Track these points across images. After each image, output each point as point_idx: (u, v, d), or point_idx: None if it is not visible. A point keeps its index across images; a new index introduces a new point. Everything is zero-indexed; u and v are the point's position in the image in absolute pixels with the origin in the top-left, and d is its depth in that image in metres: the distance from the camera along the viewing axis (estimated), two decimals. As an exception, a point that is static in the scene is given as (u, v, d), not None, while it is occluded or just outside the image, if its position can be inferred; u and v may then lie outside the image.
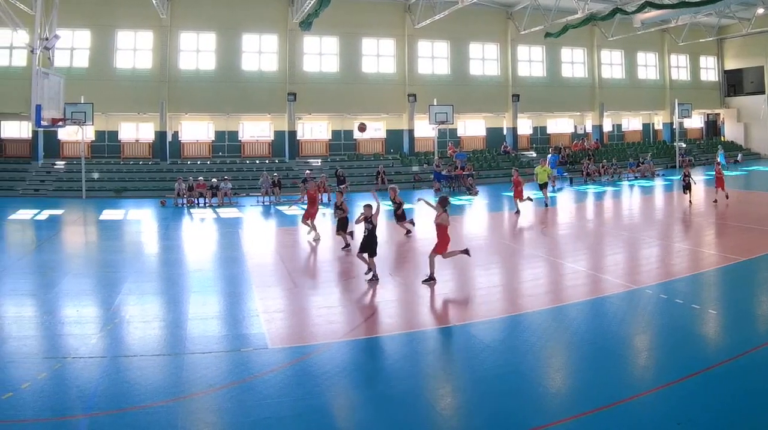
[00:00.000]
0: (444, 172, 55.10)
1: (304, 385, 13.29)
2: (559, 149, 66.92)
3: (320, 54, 61.89)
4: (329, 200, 47.29)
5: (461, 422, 11.79)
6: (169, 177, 52.42)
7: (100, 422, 11.57)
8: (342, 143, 64.56)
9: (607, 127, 76.52)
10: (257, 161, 59.93)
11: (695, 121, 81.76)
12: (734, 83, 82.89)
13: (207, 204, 46.30)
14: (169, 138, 57.85)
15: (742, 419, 11.37)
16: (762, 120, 77.73)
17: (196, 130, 61.57)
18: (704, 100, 79.69)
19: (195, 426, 11.61)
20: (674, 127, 71.21)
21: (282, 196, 48.46)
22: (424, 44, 65.09)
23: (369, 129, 63.87)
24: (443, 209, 20.92)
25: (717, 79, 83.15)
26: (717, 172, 41.07)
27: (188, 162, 58.30)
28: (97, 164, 54.78)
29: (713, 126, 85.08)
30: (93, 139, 57.04)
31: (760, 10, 63.87)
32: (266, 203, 47.03)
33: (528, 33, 63.36)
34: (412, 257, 27.14)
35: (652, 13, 60.13)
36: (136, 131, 59.91)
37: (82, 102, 48.09)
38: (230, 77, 58.30)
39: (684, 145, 74.80)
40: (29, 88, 32.69)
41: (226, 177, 50.94)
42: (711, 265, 24.12)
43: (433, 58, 65.95)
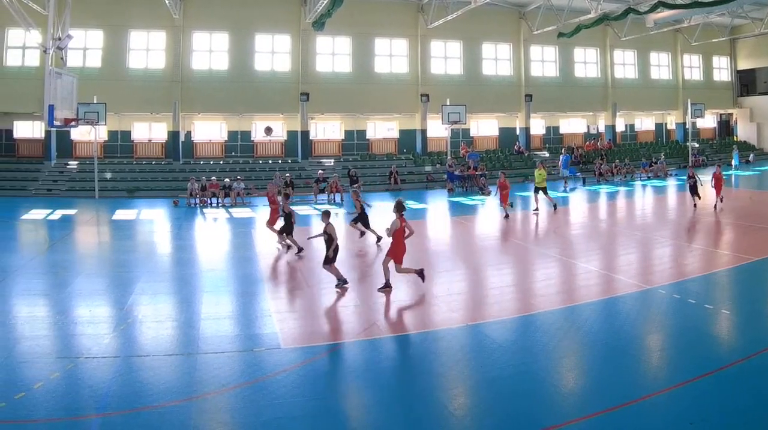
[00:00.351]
0: (457, 172, 55.04)
1: (317, 385, 13.30)
2: (572, 149, 66.72)
3: (333, 54, 61.89)
4: (342, 200, 47.28)
5: (474, 422, 11.77)
6: (182, 177, 52.55)
7: (113, 422, 11.58)
8: (355, 143, 64.52)
9: (620, 127, 76.16)
10: (270, 161, 59.95)
11: (708, 121, 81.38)
12: (747, 83, 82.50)
13: (220, 204, 46.34)
14: (182, 138, 57.96)
15: (755, 419, 11.34)
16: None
17: (209, 130, 61.55)
18: (717, 100, 79.35)
19: (208, 426, 11.61)
20: (687, 127, 71.10)
21: (295, 196, 48.43)
22: (437, 44, 64.97)
23: (382, 129, 64.19)
24: (400, 214, 20.44)
25: (730, 79, 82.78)
26: (716, 176, 38.78)
27: (201, 162, 58.33)
28: (110, 164, 54.89)
29: (726, 126, 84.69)
30: (106, 139, 57.09)
31: (774, 9, 63.71)
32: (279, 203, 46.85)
33: (541, 33, 63.20)
34: (421, 257, 27.06)
35: (665, 13, 59.88)
36: (149, 131, 59.98)
37: (95, 102, 48.18)
38: (243, 77, 58.32)
39: (697, 145, 74.47)
40: (42, 88, 32.74)
41: (239, 177, 51.03)
42: (724, 265, 24.06)
43: (446, 58, 65.84)
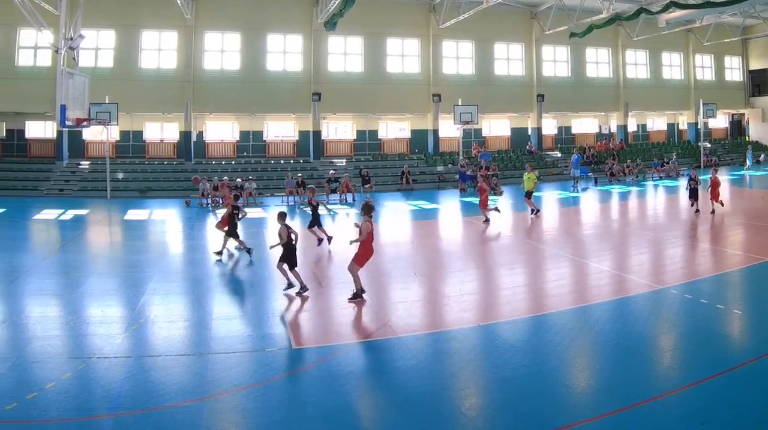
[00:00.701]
0: (469, 172, 54.97)
1: (329, 385, 13.31)
2: (584, 149, 66.62)
3: (345, 54, 61.85)
4: (354, 200, 47.31)
5: (486, 422, 11.80)
6: (194, 177, 52.43)
7: (125, 422, 11.61)
8: (367, 143, 64.52)
9: (632, 127, 76.04)
10: (282, 161, 60.01)
11: (720, 121, 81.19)
12: (759, 83, 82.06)
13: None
14: (194, 138, 57.99)
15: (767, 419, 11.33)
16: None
17: (221, 130, 61.63)
18: (729, 100, 79.03)
19: (219, 426, 11.65)
20: (699, 127, 70.88)
21: (306, 196, 48.43)
22: (449, 44, 64.90)
23: (394, 128, 64.28)
24: (368, 216, 20.06)
25: (741, 79, 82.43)
26: (712, 181, 37.10)
27: (213, 162, 58.41)
28: (122, 164, 54.98)
29: (738, 126, 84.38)
30: (118, 139, 57.14)
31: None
32: (291, 203, 46.96)
33: (553, 33, 63.07)
34: (433, 257, 27.07)
35: (677, 13, 59.75)
36: (161, 131, 60.16)
37: (107, 102, 48.11)
38: (255, 77, 58.34)
39: (709, 145, 74.28)
40: (54, 88, 32.78)
41: (251, 177, 51.07)
42: (735, 265, 24.04)
43: (458, 58, 65.75)
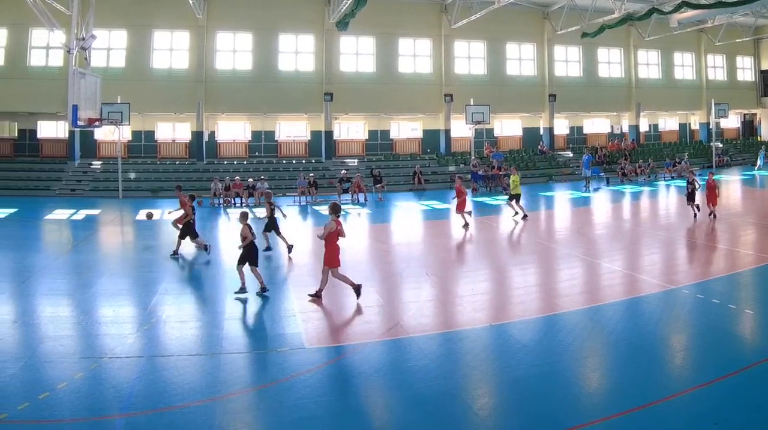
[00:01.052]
0: (481, 172, 54.97)
1: (341, 385, 13.35)
2: (595, 149, 66.62)
3: (357, 54, 61.89)
4: (365, 200, 47.33)
5: (498, 422, 11.80)
6: (206, 177, 52.70)
7: (137, 422, 11.65)
8: (378, 143, 64.51)
9: (644, 127, 75.91)
10: (294, 161, 60.02)
11: (732, 121, 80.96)
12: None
13: (243, 204, 46.36)
14: (206, 138, 58.04)
15: (780, 419, 11.30)
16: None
17: (233, 130, 61.78)
18: (741, 100, 78.73)
19: (232, 426, 11.66)
20: (711, 127, 70.75)
21: (318, 196, 48.48)
22: (461, 44, 64.85)
23: (406, 128, 64.28)
24: (336, 215, 20.15)
25: (753, 79, 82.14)
26: (708, 185, 35.13)
27: (225, 162, 58.51)
28: (134, 164, 55.12)
29: (750, 126, 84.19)
30: (129, 139, 57.29)
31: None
32: (303, 203, 47.00)
33: (564, 33, 62.97)
34: (446, 257, 27.07)
35: (689, 13, 59.63)
36: (173, 131, 60.26)
37: (119, 102, 48.14)
38: (267, 77, 58.40)
39: (720, 145, 74.05)
40: (66, 88, 32.99)
41: (263, 177, 51.08)
42: (747, 265, 23.95)
43: (470, 58, 65.69)
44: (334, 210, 20.28)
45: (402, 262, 26.09)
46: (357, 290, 19.85)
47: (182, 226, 28.19)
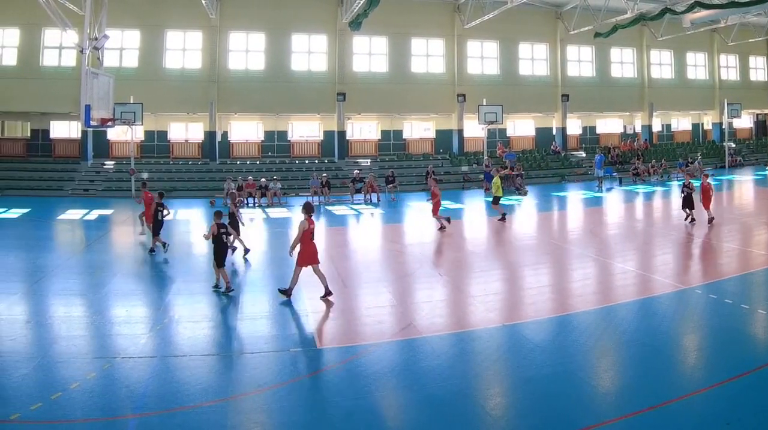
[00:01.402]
0: (493, 172, 54.93)
1: (354, 385, 13.30)
2: (608, 149, 66.58)
3: (369, 54, 61.98)
4: (378, 200, 47.34)
5: (510, 422, 11.75)
6: (219, 177, 52.82)
7: (150, 423, 11.63)
8: (391, 143, 64.59)
9: (657, 127, 75.82)
10: (306, 161, 60.13)
11: (744, 121, 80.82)
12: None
13: (256, 204, 46.46)
14: (219, 138, 58.20)
15: (793, 420, 11.26)
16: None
17: (246, 130, 62.00)
18: (753, 100, 78.43)
19: (244, 426, 11.65)
20: (723, 127, 70.59)
21: (331, 196, 48.49)
22: (474, 44, 64.84)
23: (418, 128, 64.39)
24: (308, 215, 20.18)
25: (766, 79, 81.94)
26: (704, 186, 33.38)
27: (237, 162, 58.66)
28: (147, 164, 55.25)
29: (763, 126, 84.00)
30: (142, 139, 57.64)
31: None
32: (315, 203, 46.77)
33: (577, 33, 62.90)
34: (458, 257, 27.07)
35: (702, 13, 59.43)
36: (186, 131, 60.44)
37: (132, 102, 48.33)
38: (279, 77, 58.48)
39: (733, 145, 73.96)
40: (78, 88, 32.98)
41: (276, 177, 51.16)
42: (760, 265, 23.77)
43: (483, 58, 65.65)
44: (307, 210, 20.41)
45: (415, 262, 26.09)
46: (327, 292, 19.90)
47: (153, 220, 28.30)
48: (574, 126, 71.99)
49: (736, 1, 52.03)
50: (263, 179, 49.04)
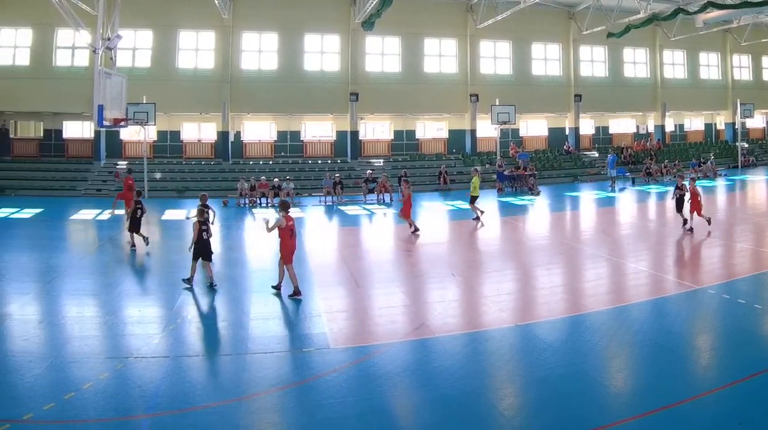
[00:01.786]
0: (506, 172, 54.91)
1: (366, 385, 13.32)
2: (621, 149, 66.51)
3: (382, 54, 61.92)
4: (391, 200, 47.32)
5: (523, 423, 11.80)
6: (232, 177, 52.89)
7: (162, 422, 11.70)
8: (404, 143, 64.52)
9: (670, 127, 75.49)
10: (319, 161, 60.14)
11: (757, 121, 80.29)
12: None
13: (269, 204, 46.41)
14: (232, 138, 58.30)
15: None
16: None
17: (259, 130, 61.96)
18: (766, 100, 77.70)
19: (257, 426, 11.69)
20: (736, 127, 70.51)
21: (344, 196, 48.49)
22: (486, 44, 64.72)
23: (431, 129, 64.44)
24: (284, 212, 20.45)
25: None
26: (692, 190, 31.90)
27: (250, 162, 58.63)
28: (159, 164, 55.42)
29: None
30: (155, 139, 57.67)
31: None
32: (328, 203, 47.03)
33: (590, 33, 62.72)
34: (472, 257, 27.05)
35: (715, 13, 59.26)
36: (199, 131, 60.45)
37: (145, 102, 48.29)
38: (292, 77, 58.47)
39: (746, 145, 73.68)
40: (91, 88, 33.00)
41: (289, 177, 51.20)
42: (773, 265, 23.81)
43: (495, 58, 65.55)
44: (283, 207, 20.78)
45: (427, 262, 26.11)
46: (296, 292, 20.13)
47: (131, 219, 28.77)
48: (587, 126, 71.74)
49: (749, 1, 51.88)
50: (276, 179, 49.05)
